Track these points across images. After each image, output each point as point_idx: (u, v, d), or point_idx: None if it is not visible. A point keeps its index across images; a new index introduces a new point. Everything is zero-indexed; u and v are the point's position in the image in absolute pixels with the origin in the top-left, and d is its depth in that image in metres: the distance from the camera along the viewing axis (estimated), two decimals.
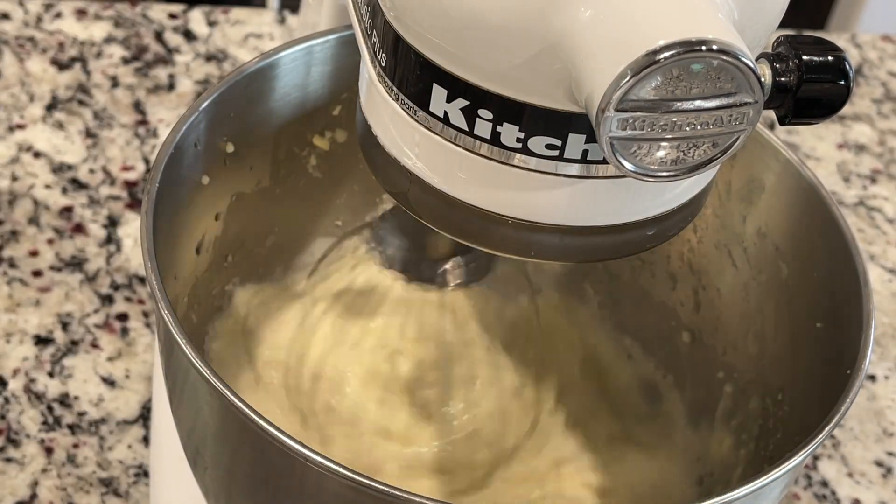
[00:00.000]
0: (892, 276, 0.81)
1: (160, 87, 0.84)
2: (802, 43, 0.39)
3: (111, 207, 0.76)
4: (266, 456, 0.45)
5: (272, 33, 0.90)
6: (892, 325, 0.78)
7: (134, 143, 0.80)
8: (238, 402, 0.43)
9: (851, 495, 0.68)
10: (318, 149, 0.61)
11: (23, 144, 0.79)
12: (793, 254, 0.56)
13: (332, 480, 0.42)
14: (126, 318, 0.70)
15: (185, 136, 0.52)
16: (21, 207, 0.75)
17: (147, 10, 0.90)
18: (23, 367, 0.67)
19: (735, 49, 0.35)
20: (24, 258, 0.72)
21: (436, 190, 0.42)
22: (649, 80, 0.35)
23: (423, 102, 0.40)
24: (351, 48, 0.55)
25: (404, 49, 0.40)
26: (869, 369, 0.72)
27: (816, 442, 0.45)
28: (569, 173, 0.40)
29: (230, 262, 0.61)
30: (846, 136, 0.91)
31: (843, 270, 0.52)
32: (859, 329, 0.49)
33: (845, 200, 0.86)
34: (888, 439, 0.71)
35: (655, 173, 0.37)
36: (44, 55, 0.85)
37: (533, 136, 0.39)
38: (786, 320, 0.56)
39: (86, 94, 0.83)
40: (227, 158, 0.56)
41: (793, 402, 0.55)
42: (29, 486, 0.63)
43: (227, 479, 0.50)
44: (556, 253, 0.42)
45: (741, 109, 0.36)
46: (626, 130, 0.36)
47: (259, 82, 0.55)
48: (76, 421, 0.65)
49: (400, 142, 0.42)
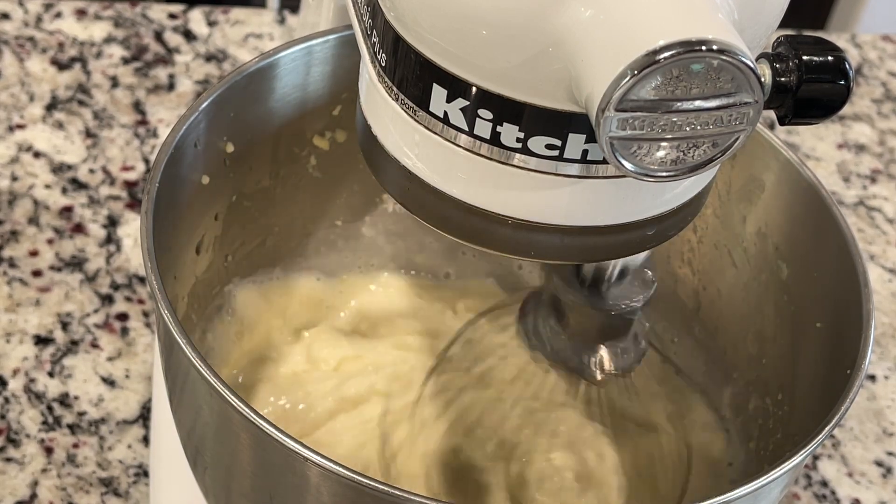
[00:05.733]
0: (892, 276, 0.81)
1: (160, 87, 0.84)
2: (802, 43, 0.39)
3: (111, 207, 0.76)
4: (266, 456, 0.45)
5: (272, 33, 0.90)
6: (892, 325, 0.78)
7: (134, 143, 0.80)
8: (238, 402, 0.43)
9: (851, 495, 0.68)
10: (318, 149, 0.61)
11: (23, 144, 0.79)
12: (793, 254, 0.56)
13: (332, 480, 0.42)
14: (126, 317, 0.70)
15: (185, 136, 0.52)
16: (21, 207, 0.75)
17: (147, 10, 0.90)
18: (23, 367, 0.67)
19: (735, 49, 0.35)
20: (24, 258, 0.72)
21: (436, 190, 0.42)
22: (649, 80, 0.35)
23: (423, 102, 0.40)
24: (351, 48, 0.55)
25: (404, 49, 0.40)
26: (869, 369, 0.72)
27: (816, 442, 0.45)
28: (569, 173, 0.40)
29: (230, 262, 0.61)
30: (846, 136, 0.91)
31: (842, 270, 0.52)
32: (859, 329, 0.49)
33: (845, 200, 0.86)
34: (888, 439, 0.71)
35: (655, 173, 0.37)
36: (44, 55, 0.85)
37: (533, 135, 0.39)
38: (786, 320, 0.56)
39: (86, 94, 0.83)
40: (227, 158, 0.56)
41: (793, 402, 0.55)
42: (29, 485, 0.63)
43: (227, 479, 0.50)
44: (556, 253, 0.42)
45: (741, 109, 0.36)
46: (626, 130, 0.36)
47: (259, 82, 0.55)
48: (76, 421, 0.65)
49: (400, 142, 0.42)
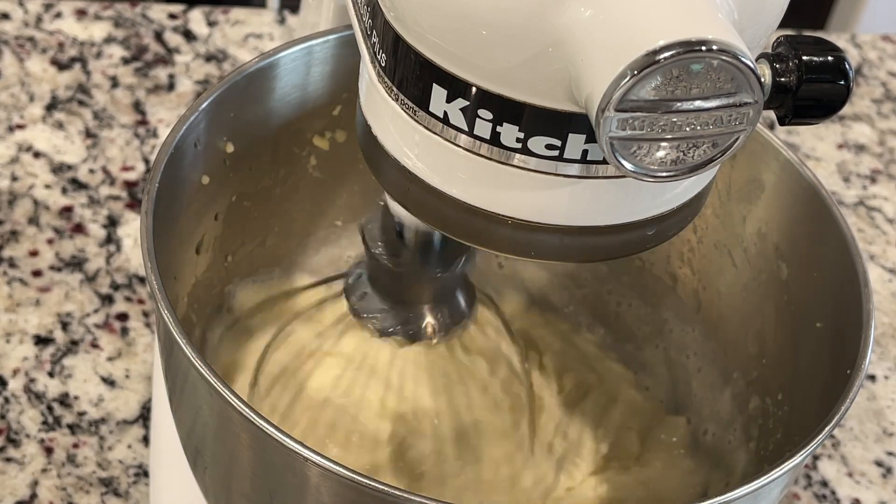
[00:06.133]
0: (892, 275, 0.81)
1: (160, 87, 0.84)
2: (802, 43, 0.39)
3: (111, 207, 0.76)
4: (266, 456, 0.45)
5: (272, 33, 0.90)
6: (892, 324, 0.78)
7: (134, 143, 0.80)
8: (238, 402, 0.43)
9: (851, 495, 0.68)
10: (318, 149, 0.61)
11: (23, 144, 0.79)
12: (793, 254, 0.56)
13: (332, 480, 0.42)
14: (126, 317, 0.70)
15: (185, 136, 0.52)
16: (21, 207, 0.75)
17: (147, 10, 0.90)
18: (23, 367, 0.67)
19: (735, 49, 0.35)
20: (24, 258, 0.72)
21: (435, 190, 0.42)
22: (649, 80, 0.35)
23: (423, 102, 0.40)
24: (351, 48, 0.55)
25: (404, 49, 0.40)
26: (869, 369, 0.72)
27: (816, 442, 0.45)
28: (568, 173, 0.40)
29: (230, 262, 0.61)
30: (846, 136, 0.91)
31: (842, 270, 0.52)
32: (859, 329, 0.49)
33: (845, 200, 0.86)
34: (888, 439, 0.71)
35: (655, 173, 0.37)
36: (44, 55, 0.85)
37: (533, 136, 0.39)
38: (786, 320, 0.56)
39: (86, 94, 0.83)
40: (226, 158, 0.56)
41: (793, 402, 0.55)
42: (29, 485, 0.63)
43: (227, 479, 0.50)
44: (556, 253, 0.42)
45: (741, 109, 0.36)
46: (626, 130, 0.36)
47: (259, 82, 0.55)
48: (76, 421, 0.65)
49: (400, 142, 0.42)
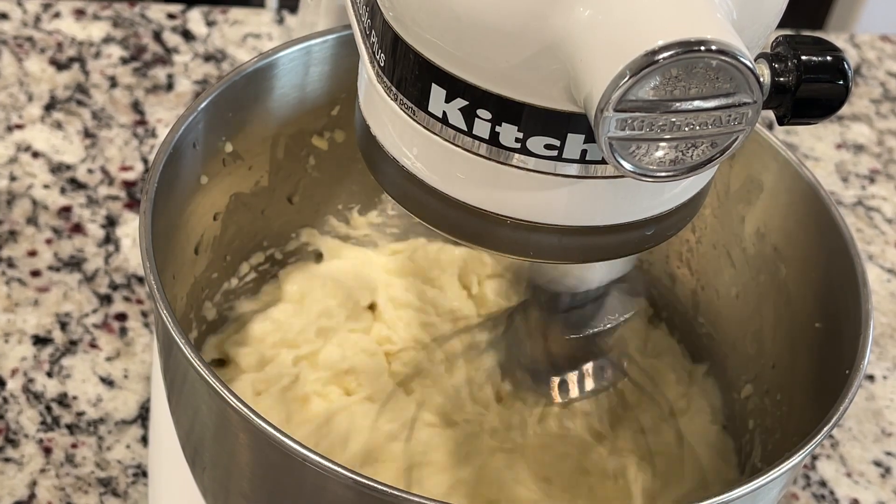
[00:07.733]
0: (891, 276, 0.81)
1: (159, 87, 0.84)
2: (801, 43, 0.39)
3: (110, 207, 0.76)
4: (265, 456, 0.45)
5: (271, 33, 0.90)
6: (891, 325, 0.78)
7: (132, 143, 0.80)
8: (237, 402, 0.43)
9: (850, 495, 0.68)
10: (316, 149, 0.61)
11: (21, 144, 0.79)
12: (791, 254, 0.56)
13: (332, 480, 0.42)
14: (125, 317, 0.70)
15: (184, 137, 0.52)
16: (19, 207, 0.75)
17: (145, 10, 0.90)
18: (21, 367, 0.67)
19: (734, 49, 0.35)
20: (22, 258, 0.72)
21: (434, 190, 0.42)
22: (648, 80, 0.35)
23: (422, 102, 0.40)
24: (349, 48, 0.55)
25: (403, 49, 0.40)
26: (867, 369, 0.72)
27: (815, 442, 0.45)
28: (567, 173, 0.40)
29: (229, 262, 0.61)
30: (845, 136, 0.91)
31: (841, 270, 0.52)
32: (858, 329, 0.49)
33: (844, 200, 0.86)
34: (886, 439, 0.71)
35: (654, 173, 0.37)
36: (42, 55, 0.85)
37: (532, 136, 0.39)
38: (785, 320, 0.56)
39: (84, 94, 0.83)
40: (225, 158, 0.56)
41: (792, 401, 0.55)
42: (27, 486, 0.63)
43: (226, 479, 0.50)
44: (555, 253, 0.42)
45: (740, 109, 0.36)
46: (625, 130, 0.36)
47: (258, 82, 0.55)
48: (75, 421, 0.65)
49: (399, 142, 0.42)
